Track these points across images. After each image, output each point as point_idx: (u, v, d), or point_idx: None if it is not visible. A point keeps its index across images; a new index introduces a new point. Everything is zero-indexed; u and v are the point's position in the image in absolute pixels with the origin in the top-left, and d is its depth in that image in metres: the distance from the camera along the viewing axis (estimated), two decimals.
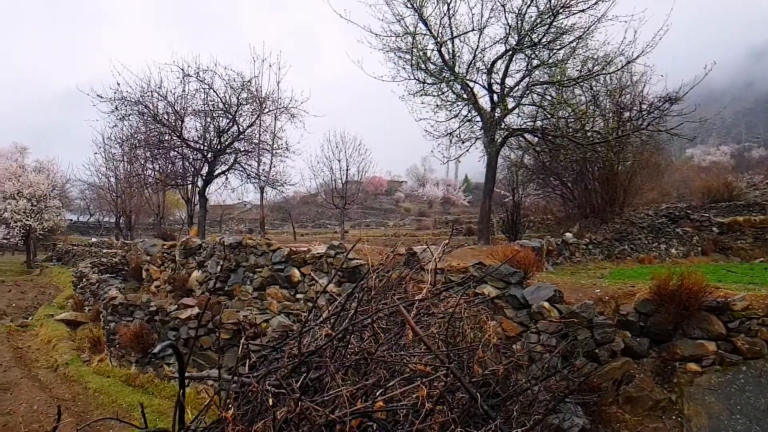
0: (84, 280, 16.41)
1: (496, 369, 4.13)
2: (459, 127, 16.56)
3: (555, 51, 14.89)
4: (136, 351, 9.83)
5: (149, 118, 19.60)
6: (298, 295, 9.89)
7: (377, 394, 3.36)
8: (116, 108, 18.92)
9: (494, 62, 15.24)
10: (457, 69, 15.08)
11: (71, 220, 47.49)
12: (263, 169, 21.97)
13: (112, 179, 34.88)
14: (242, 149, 21.25)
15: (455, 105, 16.18)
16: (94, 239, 37.19)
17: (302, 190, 42.05)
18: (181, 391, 2.78)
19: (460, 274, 7.67)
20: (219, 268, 11.11)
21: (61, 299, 17.96)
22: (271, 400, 3.11)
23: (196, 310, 9.26)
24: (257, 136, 21.30)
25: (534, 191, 24.57)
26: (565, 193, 20.92)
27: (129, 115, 19.57)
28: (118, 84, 18.49)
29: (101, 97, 18.48)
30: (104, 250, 25.75)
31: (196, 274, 11.81)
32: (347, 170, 29.49)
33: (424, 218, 46.74)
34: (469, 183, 72.51)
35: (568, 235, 14.48)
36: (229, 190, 23.29)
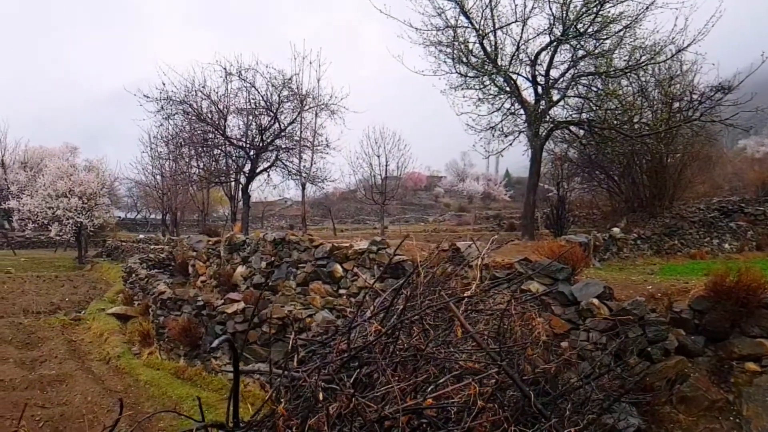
0: (133, 275, 16.85)
1: (547, 367, 4.04)
2: (501, 121, 16.34)
3: (601, 41, 14.48)
4: (184, 344, 10.06)
5: (193, 117, 20.02)
6: (341, 291, 9.92)
7: (428, 390, 3.32)
8: (162, 107, 19.40)
9: (538, 54, 14.95)
10: (499, 61, 14.86)
11: (119, 217, 48.90)
12: (304, 166, 22.18)
13: (159, 177, 35.88)
14: (283, 146, 21.46)
15: (498, 98, 15.97)
16: (141, 236, 38.29)
17: (342, 187, 42.28)
18: (235, 384, 2.79)
19: (504, 271, 7.54)
20: (263, 263, 11.26)
21: (111, 294, 18.52)
22: (321, 395, 3.11)
23: (242, 305, 9.39)
24: (298, 133, 21.47)
25: (579, 185, 24.08)
26: (611, 186, 20.43)
27: (174, 114, 20.06)
28: (164, 84, 18.96)
29: (147, 97, 18.99)
30: (152, 246, 26.40)
31: (241, 269, 11.99)
32: (386, 166, 29.55)
33: (464, 214, 46.30)
34: (511, 177, 71.22)
35: (616, 230, 14.10)
36: (271, 186, 23.65)
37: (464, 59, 15.17)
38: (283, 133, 20.65)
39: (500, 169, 74.93)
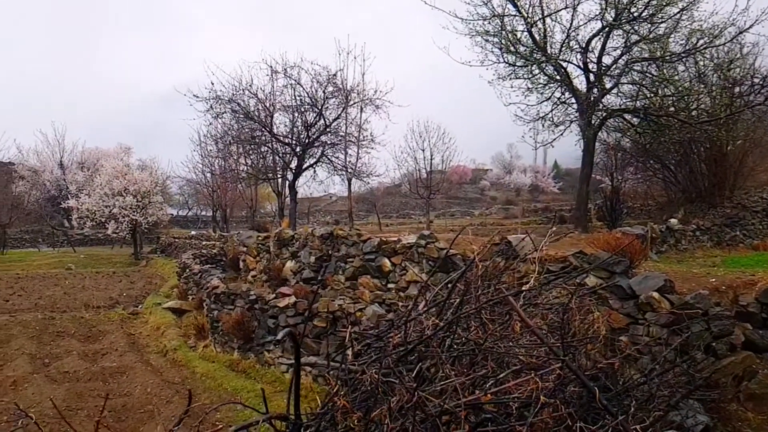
0: (187, 270, 17.30)
1: (612, 362, 3.92)
2: (552, 111, 15.93)
3: (656, 25, 13.89)
4: (238, 338, 10.27)
5: (241, 116, 20.40)
6: (390, 285, 9.92)
7: (488, 385, 3.26)
8: (211, 107, 19.87)
9: (589, 40, 14.50)
10: (548, 50, 14.47)
11: (172, 214, 50.30)
12: (350, 161, 22.24)
13: (208, 175, 36.65)
14: (329, 142, 21.61)
15: (547, 87, 15.58)
16: (193, 232, 39.31)
17: (386, 181, 42.31)
18: (296, 376, 2.81)
19: (558, 264, 7.37)
20: (312, 258, 11.37)
21: (166, 289, 19.09)
22: (380, 388, 3.09)
23: (293, 299, 9.52)
24: (343, 128, 21.56)
25: (632, 175, 23.34)
26: (667, 176, 19.75)
27: (223, 113, 20.50)
28: (212, 84, 19.37)
29: (197, 96, 19.45)
30: (203, 242, 27.07)
31: (290, 264, 12.14)
32: (431, 160, 29.27)
33: (512, 207, 45.57)
34: (559, 169, 69.52)
35: (673, 221, 13.58)
36: (317, 182, 23.82)
37: (512, 48, 14.84)
38: (328, 129, 20.79)
39: (548, 160, 73.19)
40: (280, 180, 24.05)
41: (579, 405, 3.45)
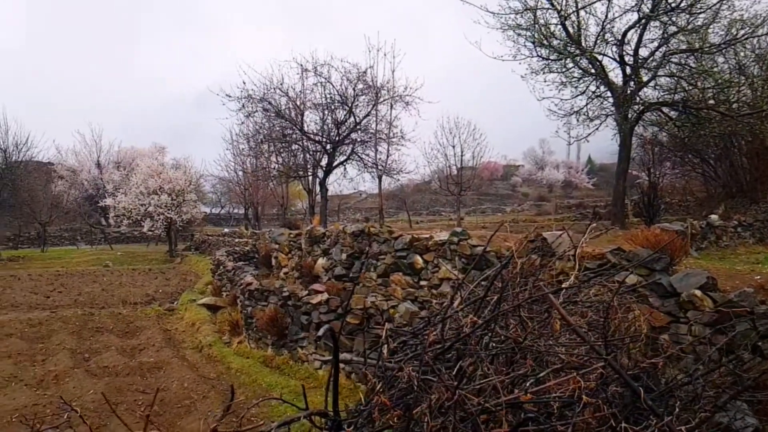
0: (221, 267, 17.53)
1: (655, 361, 3.81)
2: (586, 105, 15.63)
3: (695, 15, 13.48)
4: (271, 334, 10.36)
5: (272, 114, 20.58)
6: (422, 282, 9.85)
7: (528, 384, 3.20)
8: (243, 106, 20.11)
9: (625, 32, 14.15)
10: (583, 43, 14.19)
11: (205, 212, 51.15)
12: (380, 159, 22.25)
13: (240, 173, 37.15)
14: (359, 139, 21.63)
15: (582, 81, 15.29)
16: (226, 230, 39.88)
17: (416, 178, 42.22)
18: (335, 373, 2.80)
19: (595, 261, 7.21)
20: (344, 255, 11.39)
21: (200, 285, 19.40)
22: (419, 385, 3.07)
23: (325, 296, 9.54)
24: (373, 125, 21.56)
25: (670, 170, 22.75)
26: (706, 171, 19.18)
27: (255, 111, 20.72)
28: (244, 83, 19.64)
29: (229, 96, 19.71)
30: (236, 240, 27.42)
31: (322, 261, 12.20)
32: (462, 156, 29.10)
33: (544, 203, 44.91)
34: (593, 164, 68.22)
35: (714, 217, 13.15)
36: (347, 179, 23.87)
37: (545, 42, 14.59)
38: (358, 127, 20.82)
39: (582, 155, 71.90)
40: (310, 178, 24.22)
41: (622, 405, 3.37)
